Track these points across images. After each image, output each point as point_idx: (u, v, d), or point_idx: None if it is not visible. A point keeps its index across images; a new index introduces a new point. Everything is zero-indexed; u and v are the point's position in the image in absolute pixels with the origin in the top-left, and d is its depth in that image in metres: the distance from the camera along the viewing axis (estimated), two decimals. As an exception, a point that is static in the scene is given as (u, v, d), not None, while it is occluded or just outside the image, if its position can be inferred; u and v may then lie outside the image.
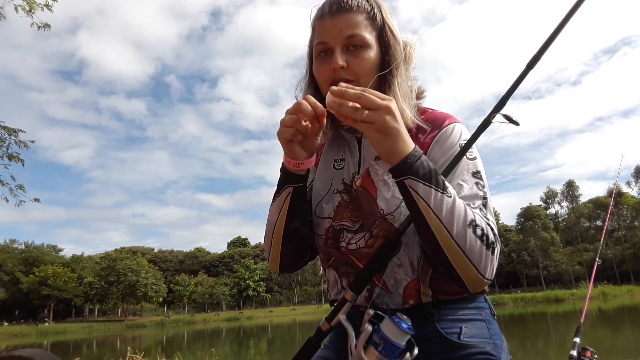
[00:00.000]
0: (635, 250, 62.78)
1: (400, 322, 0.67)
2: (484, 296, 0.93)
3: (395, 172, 0.74)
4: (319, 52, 0.89)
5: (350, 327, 0.72)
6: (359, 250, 0.88)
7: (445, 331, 0.84)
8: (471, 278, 0.75)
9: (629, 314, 24.48)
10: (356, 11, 0.87)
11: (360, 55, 0.86)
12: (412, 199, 0.73)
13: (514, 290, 60.94)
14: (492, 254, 0.76)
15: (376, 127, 0.70)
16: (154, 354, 8.32)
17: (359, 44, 0.86)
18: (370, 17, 0.88)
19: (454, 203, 0.74)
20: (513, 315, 30.02)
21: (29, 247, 68.06)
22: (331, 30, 0.86)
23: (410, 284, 0.85)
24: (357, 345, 0.69)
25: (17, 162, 7.49)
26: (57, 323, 55.84)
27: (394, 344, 0.66)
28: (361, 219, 0.89)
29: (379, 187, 0.88)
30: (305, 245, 0.98)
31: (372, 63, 0.87)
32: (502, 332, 0.91)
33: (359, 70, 0.86)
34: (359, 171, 0.93)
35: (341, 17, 0.86)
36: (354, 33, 0.85)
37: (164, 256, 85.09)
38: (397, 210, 0.84)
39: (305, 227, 0.95)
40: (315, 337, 0.84)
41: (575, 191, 77.93)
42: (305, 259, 1.01)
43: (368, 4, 0.89)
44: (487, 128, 0.82)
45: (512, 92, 0.82)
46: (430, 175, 0.73)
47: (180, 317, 59.79)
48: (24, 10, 6.13)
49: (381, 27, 0.89)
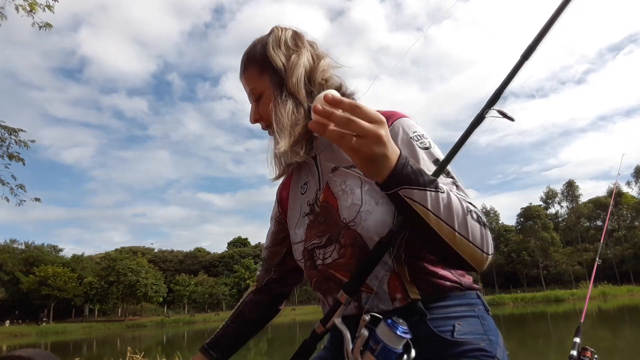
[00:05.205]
0: (635, 250, 62.79)
1: (396, 326, 0.65)
2: (476, 292, 0.92)
3: (385, 187, 0.71)
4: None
5: (346, 330, 0.71)
6: (335, 263, 0.89)
7: (438, 329, 0.83)
8: (478, 260, 0.75)
9: (629, 314, 24.46)
10: (249, 68, 0.98)
11: (263, 103, 0.97)
12: (409, 207, 0.71)
13: (514, 290, 60.85)
14: (487, 230, 0.76)
15: (362, 156, 0.66)
16: (154, 354, 8.33)
17: (259, 95, 0.98)
18: (260, 65, 0.97)
19: (448, 198, 0.73)
20: (513, 315, 30.01)
21: (29, 247, 68.09)
22: (244, 88, 1.01)
23: (391, 278, 0.85)
24: (354, 350, 0.68)
25: (18, 161, 7.47)
26: (57, 323, 55.83)
27: (390, 349, 0.65)
28: (327, 232, 0.90)
29: (339, 197, 0.90)
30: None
31: (271, 103, 0.95)
32: (497, 328, 0.90)
33: (267, 116, 0.96)
34: (320, 187, 0.96)
35: (243, 78, 1.00)
36: (250, 88, 0.99)
37: (164, 256, 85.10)
38: (357, 216, 0.85)
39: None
40: (310, 339, 0.84)
41: (575, 191, 77.99)
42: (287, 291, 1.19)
43: (255, 51, 0.98)
44: (481, 123, 0.75)
45: (506, 85, 0.77)
46: (421, 178, 0.71)
47: (180, 317, 59.76)
48: (24, 10, 6.12)
49: (268, 65, 0.96)
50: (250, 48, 1.00)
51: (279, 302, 1.18)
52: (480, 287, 0.94)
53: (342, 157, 0.93)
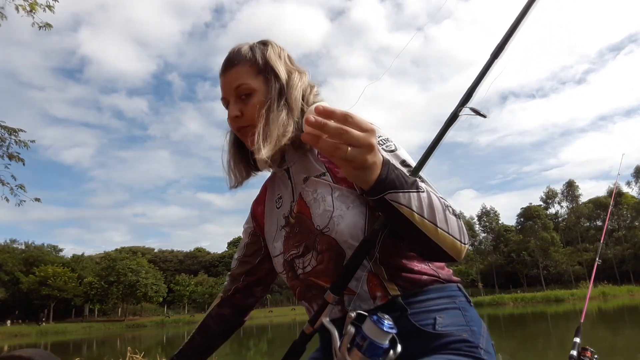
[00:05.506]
0: (635, 250, 62.79)
1: (382, 321, 0.66)
2: (457, 285, 0.94)
3: (371, 193, 0.73)
4: (224, 106, 1.01)
5: (334, 329, 0.72)
6: (314, 270, 0.91)
7: (419, 323, 0.85)
8: (458, 250, 0.79)
9: (629, 314, 24.46)
10: (240, 64, 0.98)
11: (249, 102, 0.96)
12: (396, 210, 0.74)
13: (514, 290, 60.90)
14: (461, 220, 0.81)
15: (355, 165, 0.67)
16: (154, 354, 8.32)
17: (246, 92, 0.96)
18: (253, 64, 0.98)
19: (429, 197, 0.77)
20: (513, 315, 30.03)
21: (29, 247, 68.13)
22: (225, 86, 0.99)
23: (369, 279, 0.87)
24: (341, 347, 0.69)
25: (18, 161, 7.46)
26: (57, 323, 55.83)
27: (377, 345, 0.66)
28: (303, 241, 0.93)
29: (311, 206, 0.93)
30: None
31: (261, 106, 0.95)
32: (481, 319, 0.91)
33: (251, 116, 0.95)
34: (294, 199, 0.98)
35: (229, 73, 0.98)
36: (239, 84, 0.96)
37: (164, 256, 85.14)
38: (330, 222, 0.88)
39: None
40: (300, 340, 0.85)
41: (575, 191, 77.98)
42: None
43: (251, 52, 0.99)
44: (456, 121, 0.80)
45: (477, 83, 0.81)
46: (404, 180, 0.74)
47: (180, 317, 59.81)
48: (24, 10, 6.12)
49: (263, 69, 0.98)
50: (240, 47, 1.01)
51: (243, 314, 1.21)
52: (460, 279, 0.96)
53: (312, 167, 0.96)
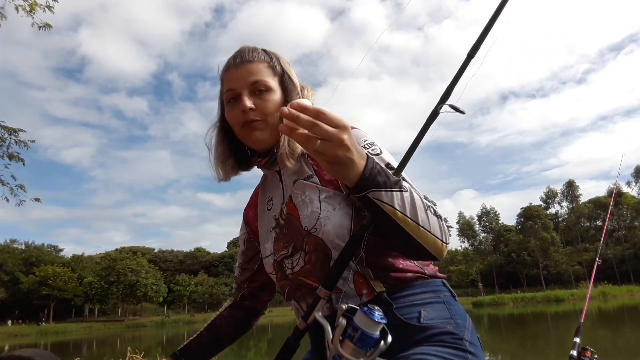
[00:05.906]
0: (635, 250, 62.84)
1: (372, 312, 0.69)
2: (441, 280, 0.97)
3: (355, 190, 0.75)
4: (229, 99, 0.99)
5: (326, 323, 0.74)
6: (303, 270, 0.94)
7: (405, 317, 0.87)
8: (439, 249, 0.82)
9: (629, 314, 24.47)
10: (257, 61, 0.99)
11: (265, 98, 0.97)
12: (379, 208, 0.77)
13: (514, 290, 60.94)
14: (444, 222, 0.84)
15: (327, 158, 0.70)
16: (154, 354, 8.32)
17: (263, 88, 0.97)
18: (270, 66, 1.00)
19: (411, 195, 0.80)
20: (513, 315, 30.04)
21: (29, 247, 68.15)
22: (237, 79, 0.98)
23: (355, 277, 0.90)
24: (333, 339, 0.71)
25: (18, 161, 7.46)
26: (57, 323, 55.85)
27: (368, 335, 0.68)
28: (292, 242, 0.96)
29: (300, 207, 0.96)
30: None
31: (276, 104, 0.97)
32: (466, 313, 0.93)
33: (266, 111, 0.96)
34: (284, 200, 1.01)
35: (244, 67, 0.98)
36: (257, 79, 0.97)
37: (164, 256, 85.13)
38: (317, 222, 0.91)
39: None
40: (293, 336, 0.87)
41: (575, 191, 78.02)
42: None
43: (267, 55, 1.01)
44: (436, 119, 0.83)
45: (455, 82, 0.85)
46: (388, 179, 0.77)
47: (180, 317, 59.85)
48: (24, 11, 6.12)
49: (281, 74, 1.01)
50: (255, 47, 1.03)
51: (253, 318, 1.23)
52: (446, 276, 0.99)
53: (301, 170, 1.00)
